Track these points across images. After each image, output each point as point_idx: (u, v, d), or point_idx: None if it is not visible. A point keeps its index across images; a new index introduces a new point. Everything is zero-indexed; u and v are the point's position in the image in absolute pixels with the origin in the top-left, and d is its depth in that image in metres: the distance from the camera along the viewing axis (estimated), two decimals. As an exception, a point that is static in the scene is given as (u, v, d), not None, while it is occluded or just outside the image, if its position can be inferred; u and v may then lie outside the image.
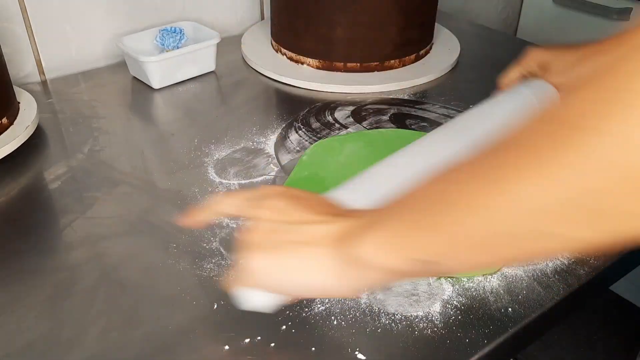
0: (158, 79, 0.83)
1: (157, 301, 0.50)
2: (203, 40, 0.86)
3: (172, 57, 0.83)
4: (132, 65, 0.85)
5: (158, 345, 0.46)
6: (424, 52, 0.93)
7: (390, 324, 0.48)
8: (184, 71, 0.86)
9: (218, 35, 0.87)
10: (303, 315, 0.48)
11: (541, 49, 0.70)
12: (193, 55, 0.85)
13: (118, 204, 0.61)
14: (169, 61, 0.83)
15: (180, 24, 0.90)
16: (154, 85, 0.83)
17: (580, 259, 0.55)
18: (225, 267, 0.53)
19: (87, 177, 0.66)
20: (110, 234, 0.57)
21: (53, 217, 0.60)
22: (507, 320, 0.48)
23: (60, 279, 0.52)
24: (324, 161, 0.68)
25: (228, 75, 0.89)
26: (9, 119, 0.69)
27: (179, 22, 0.91)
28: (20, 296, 0.50)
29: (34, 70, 0.86)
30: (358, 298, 0.48)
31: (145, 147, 0.71)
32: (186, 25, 0.91)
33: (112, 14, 0.90)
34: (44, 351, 0.45)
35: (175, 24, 0.90)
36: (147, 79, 0.83)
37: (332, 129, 0.75)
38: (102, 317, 0.48)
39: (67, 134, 0.74)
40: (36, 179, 0.66)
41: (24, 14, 0.82)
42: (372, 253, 0.36)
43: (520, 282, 0.52)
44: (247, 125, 0.76)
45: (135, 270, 0.53)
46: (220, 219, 0.59)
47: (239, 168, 0.67)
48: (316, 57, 0.88)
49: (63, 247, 0.56)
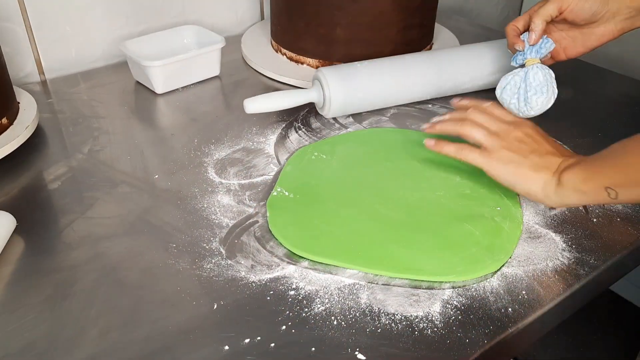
0: (161, 83, 0.83)
1: (157, 301, 0.50)
2: (207, 44, 0.85)
3: (175, 62, 0.82)
4: (135, 69, 0.85)
5: (158, 345, 0.46)
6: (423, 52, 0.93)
7: (390, 324, 0.48)
8: (187, 76, 0.85)
9: (222, 40, 0.86)
10: (303, 315, 0.48)
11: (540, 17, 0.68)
12: (197, 59, 0.84)
13: (118, 204, 0.61)
14: (173, 66, 0.82)
15: (183, 28, 0.90)
16: (157, 90, 0.83)
17: (580, 258, 0.55)
18: (225, 267, 0.53)
19: (87, 177, 0.66)
20: (110, 234, 0.57)
21: (53, 217, 0.60)
22: (507, 320, 0.48)
23: (60, 279, 0.52)
24: (313, 169, 0.67)
25: (228, 75, 0.89)
26: (9, 119, 0.69)
27: (184, 25, 0.91)
28: (20, 296, 0.50)
29: (34, 70, 0.86)
30: (557, 207, 0.61)
31: (145, 147, 0.71)
32: (190, 29, 0.91)
33: (112, 14, 0.90)
34: (44, 351, 0.46)
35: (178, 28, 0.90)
36: (151, 84, 0.83)
37: (332, 129, 0.75)
38: (102, 317, 0.48)
39: (67, 134, 0.74)
40: (36, 179, 0.66)
41: (24, 14, 0.82)
42: (575, 179, 0.53)
43: (520, 282, 0.52)
44: (246, 125, 0.76)
45: (135, 270, 0.53)
46: (220, 220, 0.59)
47: (238, 168, 0.67)
48: (316, 57, 0.88)
49: (63, 247, 0.56)
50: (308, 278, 0.52)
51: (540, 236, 0.58)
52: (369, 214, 0.60)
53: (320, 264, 0.54)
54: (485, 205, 0.61)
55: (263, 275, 0.52)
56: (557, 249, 0.56)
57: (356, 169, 0.67)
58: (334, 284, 0.52)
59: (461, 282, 0.52)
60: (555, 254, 0.55)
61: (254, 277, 0.52)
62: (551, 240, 0.57)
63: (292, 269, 0.53)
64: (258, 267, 0.53)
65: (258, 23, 1.05)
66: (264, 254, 0.55)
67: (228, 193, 0.63)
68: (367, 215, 0.60)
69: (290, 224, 0.58)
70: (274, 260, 0.54)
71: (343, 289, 0.51)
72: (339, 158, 0.69)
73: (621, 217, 0.60)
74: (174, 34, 0.89)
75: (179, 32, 0.90)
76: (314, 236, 0.56)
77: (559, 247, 0.56)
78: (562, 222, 0.59)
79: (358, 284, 0.52)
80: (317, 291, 0.51)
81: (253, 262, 0.54)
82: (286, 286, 0.51)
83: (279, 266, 0.53)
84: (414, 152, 0.69)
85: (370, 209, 0.60)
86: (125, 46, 0.83)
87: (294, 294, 0.50)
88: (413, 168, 0.67)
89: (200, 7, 0.98)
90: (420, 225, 0.58)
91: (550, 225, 0.59)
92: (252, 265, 0.53)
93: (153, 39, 0.87)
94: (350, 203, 0.61)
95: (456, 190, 0.63)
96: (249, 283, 0.52)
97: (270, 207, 0.60)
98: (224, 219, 0.59)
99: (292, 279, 0.52)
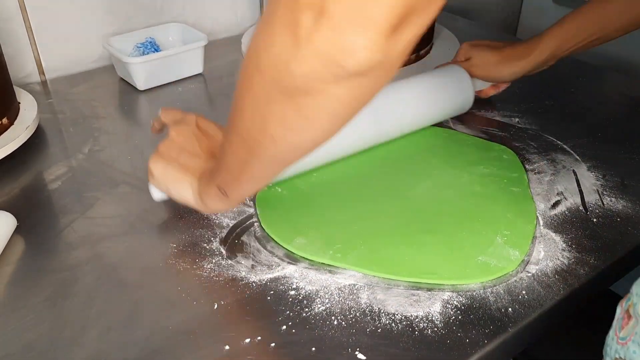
0: (143, 80, 0.83)
1: (158, 301, 0.50)
2: (191, 42, 0.86)
3: (156, 59, 0.82)
4: (118, 66, 0.85)
5: (158, 345, 0.46)
6: (424, 52, 0.93)
7: (391, 324, 0.48)
8: (169, 73, 0.85)
9: (205, 38, 0.86)
10: (303, 315, 0.48)
11: (470, 44, 0.76)
12: (179, 57, 0.85)
13: (118, 204, 0.61)
14: (154, 63, 0.82)
15: (168, 26, 0.90)
16: (139, 86, 0.83)
17: (580, 258, 0.55)
18: (225, 267, 0.53)
19: (87, 177, 0.66)
20: (110, 234, 0.57)
21: (53, 217, 0.60)
22: (507, 320, 0.48)
23: (60, 279, 0.52)
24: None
25: (228, 75, 0.89)
26: (10, 119, 0.69)
27: (168, 24, 0.91)
28: (20, 296, 0.50)
29: (34, 70, 0.86)
30: (207, 213, 0.59)
31: (146, 147, 0.71)
32: (175, 27, 0.91)
33: (112, 14, 0.90)
34: (44, 351, 0.46)
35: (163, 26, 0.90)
36: (132, 80, 0.83)
37: (332, 129, 0.75)
38: (102, 317, 0.48)
39: (67, 134, 0.74)
40: (36, 179, 0.66)
41: (24, 14, 0.82)
42: (201, 184, 0.52)
43: (520, 282, 0.52)
44: (247, 125, 0.75)
45: (135, 270, 0.53)
46: (220, 220, 0.59)
47: (239, 168, 0.67)
48: (316, 57, 0.88)
49: (63, 247, 0.56)
50: (308, 278, 0.52)
51: (540, 236, 0.58)
52: (368, 213, 0.60)
53: (320, 264, 0.54)
54: (497, 203, 0.61)
55: (263, 275, 0.52)
56: (557, 249, 0.56)
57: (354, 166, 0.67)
58: (334, 283, 0.52)
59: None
60: (555, 254, 0.55)
61: (254, 277, 0.52)
62: (551, 240, 0.57)
63: (292, 269, 0.53)
64: (258, 267, 0.53)
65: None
66: (264, 254, 0.55)
67: (228, 193, 0.63)
68: (366, 214, 0.59)
69: (282, 221, 0.58)
70: (274, 260, 0.54)
71: (343, 289, 0.51)
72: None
73: (621, 217, 0.60)
74: (158, 32, 0.89)
75: (164, 30, 0.90)
76: (312, 238, 0.56)
77: (559, 247, 0.56)
78: (562, 222, 0.59)
79: (358, 284, 0.52)
80: (318, 291, 0.51)
81: (253, 262, 0.54)
82: (286, 286, 0.51)
83: (279, 266, 0.53)
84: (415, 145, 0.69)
85: (369, 208, 0.60)
86: (109, 43, 0.83)
87: (294, 294, 0.50)
88: (414, 163, 0.67)
89: (200, 7, 0.98)
90: (429, 226, 0.58)
91: (550, 225, 0.59)
92: (253, 265, 0.53)
93: (137, 37, 0.87)
94: (349, 201, 0.61)
95: (466, 189, 0.63)
96: (250, 283, 0.52)
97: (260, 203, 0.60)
98: (225, 219, 0.59)
99: (292, 279, 0.52)
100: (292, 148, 0.40)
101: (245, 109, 0.38)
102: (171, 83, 0.86)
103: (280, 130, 0.37)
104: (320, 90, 0.33)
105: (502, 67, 0.73)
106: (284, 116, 0.36)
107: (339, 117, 0.36)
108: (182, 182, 0.54)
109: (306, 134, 0.37)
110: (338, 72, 0.31)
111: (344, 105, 0.34)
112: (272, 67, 0.33)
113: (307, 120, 0.36)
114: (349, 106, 0.35)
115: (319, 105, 0.34)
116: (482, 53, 0.74)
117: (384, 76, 0.33)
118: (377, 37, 0.29)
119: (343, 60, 0.30)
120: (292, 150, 0.40)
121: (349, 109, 0.35)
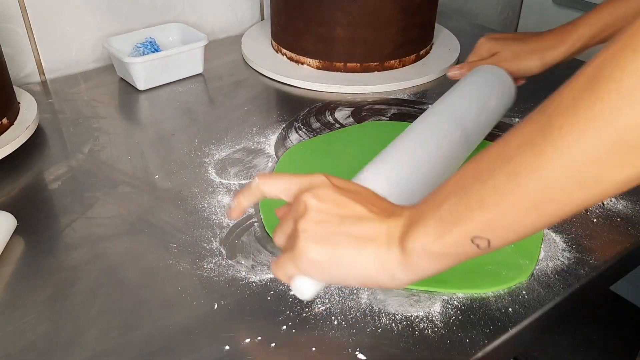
0: (143, 80, 0.83)
1: (157, 301, 0.50)
2: (191, 42, 0.86)
3: (156, 59, 0.82)
4: (118, 66, 0.86)
5: (158, 345, 0.46)
6: (424, 52, 0.93)
7: (391, 324, 0.48)
8: (169, 73, 0.85)
9: (205, 38, 0.86)
10: (303, 315, 0.48)
11: (490, 38, 0.73)
12: (179, 57, 0.85)
13: (118, 204, 0.61)
14: (154, 63, 0.82)
15: (168, 26, 0.90)
16: (139, 86, 0.83)
17: (580, 258, 0.55)
18: (225, 267, 0.53)
19: (87, 177, 0.66)
20: (110, 234, 0.57)
21: (53, 217, 0.60)
22: (507, 320, 0.48)
23: (60, 279, 0.52)
24: (306, 164, 0.66)
25: (228, 75, 0.89)
26: (10, 119, 0.69)
27: (168, 24, 0.91)
28: (20, 296, 0.50)
29: (34, 70, 0.86)
30: (397, 288, 0.45)
31: (146, 147, 0.71)
32: (175, 27, 0.91)
33: (112, 14, 0.90)
34: (44, 351, 0.46)
35: (163, 26, 0.90)
36: (132, 80, 0.83)
37: (332, 129, 0.75)
38: (102, 317, 0.48)
39: (67, 134, 0.74)
40: (36, 179, 0.66)
41: (24, 14, 0.82)
42: (425, 240, 0.37)
43: (520, 282, 0.52)
44: (247, 126, 0.76)
45: (135, 270, 0.53)
46: (220, 220, 0.59)
47: (239, 168, 0.67)
48: (316, 57, 0.88)
49: (63, 247, 0.56)
50: (308, 278, 0.52)
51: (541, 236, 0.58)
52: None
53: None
54: None
55: (263, 275, 0.52)
56: (557, 249, 0.56)
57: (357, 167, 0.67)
58: (334, 283, 0.52)
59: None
60: (555, 254, 0.55)
61: (254, 277, 0.52)
62: (551, 240, 0.57)
63: (292, 269, 0.53)
64: (259, 267, 0.53)
65: (258, 23, 1.05)
66: (264, 254, 0.55)
67: (229, 193, 0.63)
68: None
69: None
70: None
71: (343, 288, 0.51)
72: (334, 154, 0.69)
73: (621, 217, 0.60)
74: (158, 32, 0.89)
75: (164, 30, 0.90)
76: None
77: (559, 247, 0.56)
78: (562, 222, 0.59)
79: (358, 284, 0.52)
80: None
81: (254, 262, 0.54)
82: (287, 286, 0.51)
83: (279, 266, 0.53)
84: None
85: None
86: (109, 43, 0.83)
87: (294, 294, 0.50)
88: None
89: (200, 7, 0.98)
90: None
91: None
92: (253, 265, 0.53)
93: (137, 37, 0.87)
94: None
95: None
96: (250, 283, 0.52)
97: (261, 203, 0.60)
98: (225, 219, 0.59)
99: (292, 279, 0.52)
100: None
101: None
102: (171, 83, 0.86)
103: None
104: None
105: (533, 58, 0.69)
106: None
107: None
108: (360, 257, 0.39)
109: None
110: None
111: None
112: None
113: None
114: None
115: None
116: (509, 46, 0.71)
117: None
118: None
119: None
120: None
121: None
